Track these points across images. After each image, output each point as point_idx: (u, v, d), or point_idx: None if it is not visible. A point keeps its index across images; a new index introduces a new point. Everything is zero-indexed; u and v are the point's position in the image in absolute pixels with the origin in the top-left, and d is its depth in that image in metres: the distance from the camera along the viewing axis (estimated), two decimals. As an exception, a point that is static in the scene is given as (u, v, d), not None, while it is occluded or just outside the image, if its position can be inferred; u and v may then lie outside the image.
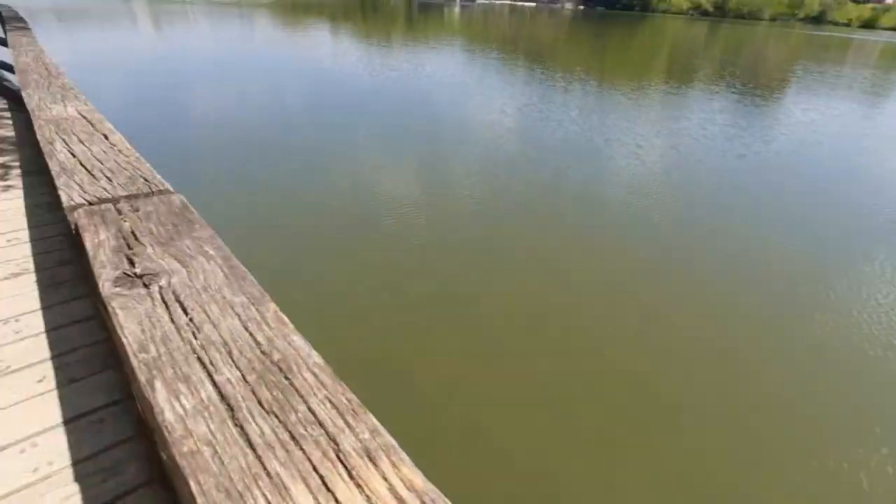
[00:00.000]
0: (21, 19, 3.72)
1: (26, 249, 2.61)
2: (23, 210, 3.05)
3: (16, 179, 3.51)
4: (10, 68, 5.43)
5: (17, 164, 3.78)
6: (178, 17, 46.16)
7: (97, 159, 0.73)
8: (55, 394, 1.71)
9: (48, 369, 1.82)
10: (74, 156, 0.74)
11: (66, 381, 1.77)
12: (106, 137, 0.85)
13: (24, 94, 1.24)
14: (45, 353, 1.90)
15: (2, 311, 2.11)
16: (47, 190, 3.37)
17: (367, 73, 16.93)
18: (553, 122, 11.45)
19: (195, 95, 12.56)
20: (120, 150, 0.78)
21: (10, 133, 4.47)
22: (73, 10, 42.21)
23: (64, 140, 0.81)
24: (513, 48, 29.37)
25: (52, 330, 2.02)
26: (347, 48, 24.82)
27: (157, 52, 20.07)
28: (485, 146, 9.38)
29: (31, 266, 2.47)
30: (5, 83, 5.83)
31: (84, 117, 0.96)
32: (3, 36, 4.90)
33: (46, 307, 2.16)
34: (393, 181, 7.50)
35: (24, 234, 2.77)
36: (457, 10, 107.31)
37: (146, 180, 0.66)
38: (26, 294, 2.24)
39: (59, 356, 1.89)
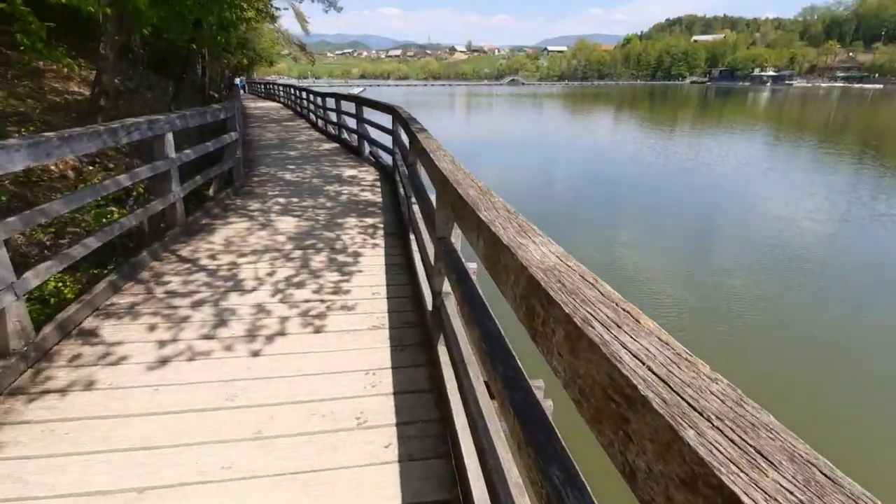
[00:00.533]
0: (416, 120, 4.79)
1: (384, 304, 3.13)
2: (383, 267, 3.75)
3: (380, 239, 4.42)
4: (387, 149, 7.28)
5: (382, 225, 4.81)
6: (484, 106, 55.72)
7: (682, 381, 0.54)
8: (397, 468, 1.81)
9: (393, 436, 1.97)
10: (643, 363, 0.58)
11: (406, 456, 1.87)
12: (635, 318, 0.70)
13: (480, 215, 1.29)
14: (392, 416, 2.09)
15: (367, 360, 2.49)
16: (399, 251, 4.10)
17: (666, 165, 16.21)
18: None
19: (508, 171, 14.34)
20: (689, 360, 0.59)
21: (379, 199, 5.83)
22: (417, 103, 56.18)
23: (601, 323, 0.68)
24: (839, 138, 23.65)
25: (398, 393, 2.24)
26: (642, 137, 24.72)
27: (474, 132, 24.39)
28: (839, 273, 7.13)
29: (386, 321, 2.91)
30: (380, 160, 7.82)
31: (571, 267, 0.87)
32: (391, 128, 6.54)
33: (395, 367, 2.44)
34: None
35: (383, 290, 3.36)
36: (766, 94, 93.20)
37: (822, 472, 0.41)
38: (382, 349, 2.61)
39: (402, 424, 2.03)
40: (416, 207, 3.88)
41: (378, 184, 6.60)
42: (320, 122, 12.85)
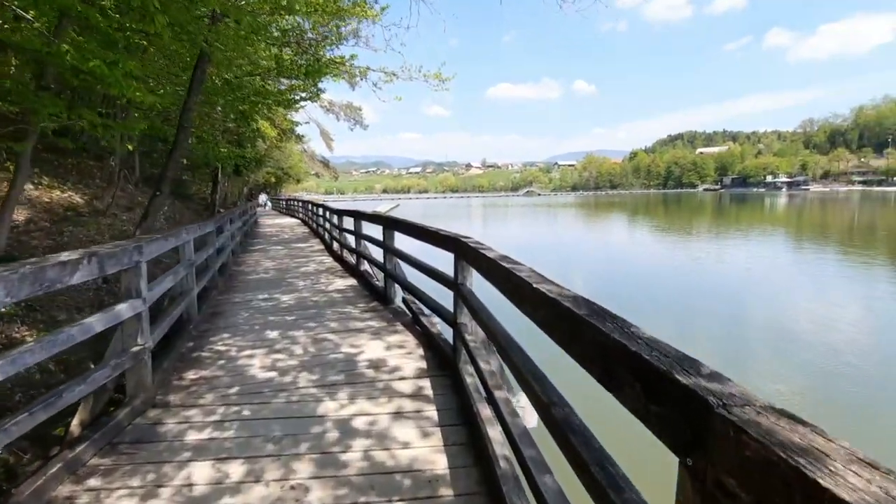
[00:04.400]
0: (548, 278, 1.69)
1: None
2: None
3: None
4: (438, 310, 4.17)
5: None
6: (499, 214, 54.81)
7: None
8: None
9: None
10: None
11: None
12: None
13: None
14: None
15: None
16: None
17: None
18: None
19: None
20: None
21: (438, 450, 2.47)
22: (435, 214, 55.73)
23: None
24: (867, 241, 21.04)
25: None
26: (674, 246, 21.81)
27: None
28: None
29: None
30: (420, 318, 4.61)
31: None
32: (453, 276, 3.46)
33: None
34: None
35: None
36: (782, 199, 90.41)
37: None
38: None
39: None
40: None
41: (426, 383, 3.29)
42: (335, 245, 10.12)
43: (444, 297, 3.88)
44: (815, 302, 10.63)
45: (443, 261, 3.84)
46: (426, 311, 4.69)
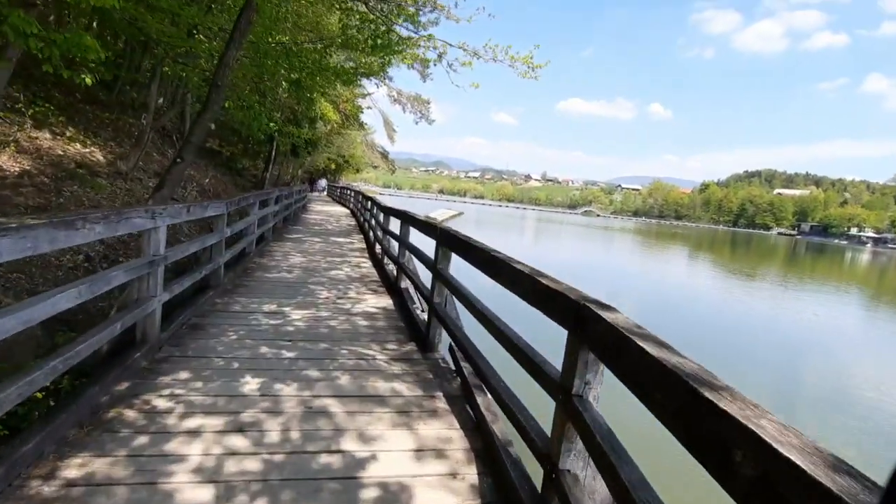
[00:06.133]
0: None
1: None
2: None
3: None
4: (520, 426, 2.50)
5: None
6: (553, 233, 52.21)
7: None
8: None
9: None
10: None
11: None
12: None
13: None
14: None
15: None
16: None
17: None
18: None
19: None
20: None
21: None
22: (488, 221, 54.03)
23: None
24: None
25: None
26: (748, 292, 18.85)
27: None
28: None
29: None
30: (475, 394, 2.93)
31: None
32: (566, 369, 1.78)
33: None
34: None
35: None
36: (865, 255, 79.79)
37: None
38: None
39: None
40: None
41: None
42: (378, 248, 8.66)
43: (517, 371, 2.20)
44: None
45: (525, 315, 2.16)
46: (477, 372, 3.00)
